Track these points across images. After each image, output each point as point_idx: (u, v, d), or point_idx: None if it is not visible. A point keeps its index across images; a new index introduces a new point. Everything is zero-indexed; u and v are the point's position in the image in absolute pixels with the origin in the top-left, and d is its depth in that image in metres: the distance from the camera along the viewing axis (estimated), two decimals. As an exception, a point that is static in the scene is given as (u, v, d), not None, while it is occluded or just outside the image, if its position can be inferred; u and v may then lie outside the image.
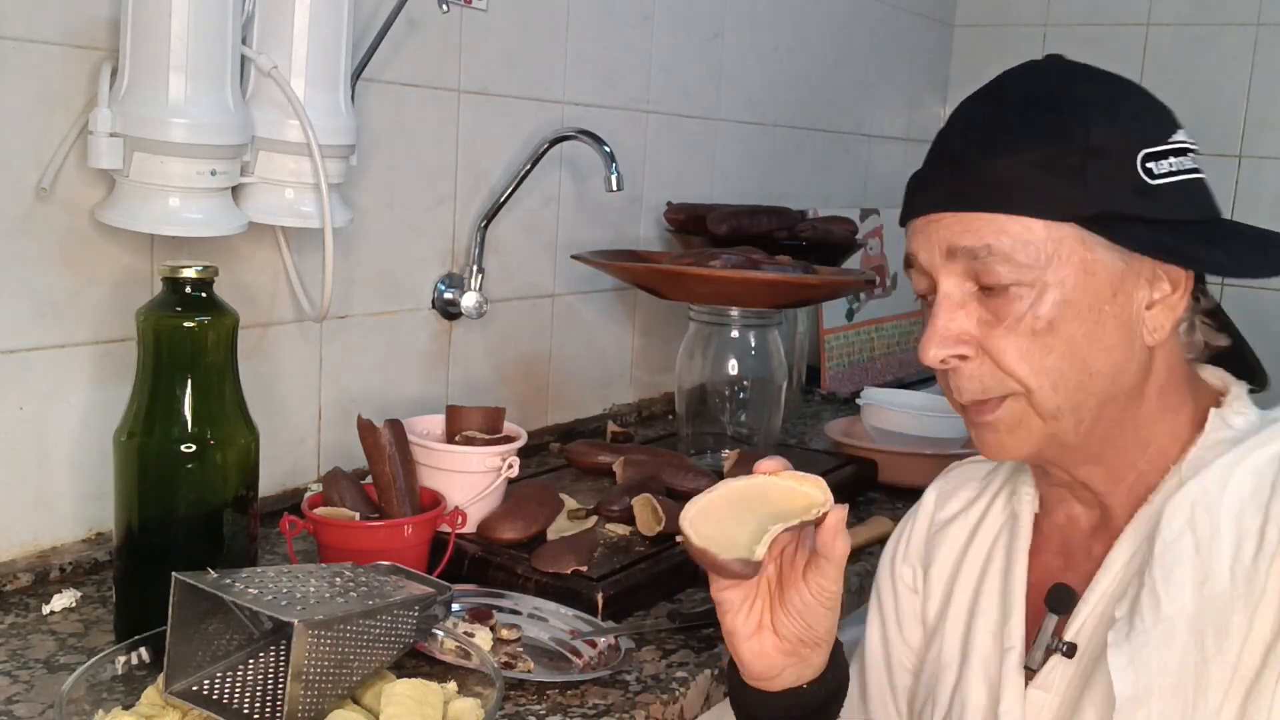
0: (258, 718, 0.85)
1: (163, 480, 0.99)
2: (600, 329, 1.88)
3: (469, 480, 1.26)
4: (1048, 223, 0.83)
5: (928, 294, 0.89)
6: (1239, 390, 0.92)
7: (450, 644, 0.97)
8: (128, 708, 0.85)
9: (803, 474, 0.91)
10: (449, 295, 1.56)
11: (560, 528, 1.30)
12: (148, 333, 0.99)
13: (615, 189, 1.52)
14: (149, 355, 0.99)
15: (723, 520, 0.88)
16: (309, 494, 1.22)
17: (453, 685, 0.92)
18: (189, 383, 0.99)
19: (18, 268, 1.11)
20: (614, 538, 1.29)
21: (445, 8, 1.40)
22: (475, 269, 1.56)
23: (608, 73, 1.81)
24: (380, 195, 1.46)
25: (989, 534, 0.99)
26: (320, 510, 1.16)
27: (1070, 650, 0.89)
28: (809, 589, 0.90)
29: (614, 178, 1.51)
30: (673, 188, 1.99)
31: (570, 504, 1.36)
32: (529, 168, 1.59)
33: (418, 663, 0.97)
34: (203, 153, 1.09)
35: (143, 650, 0.90)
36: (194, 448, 0.99)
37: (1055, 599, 0.91)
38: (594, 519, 1.34)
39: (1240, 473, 0.85)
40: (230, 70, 1.11)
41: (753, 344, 1.65)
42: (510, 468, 1.28)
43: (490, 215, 1.59)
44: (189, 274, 1.00)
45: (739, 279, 1.50)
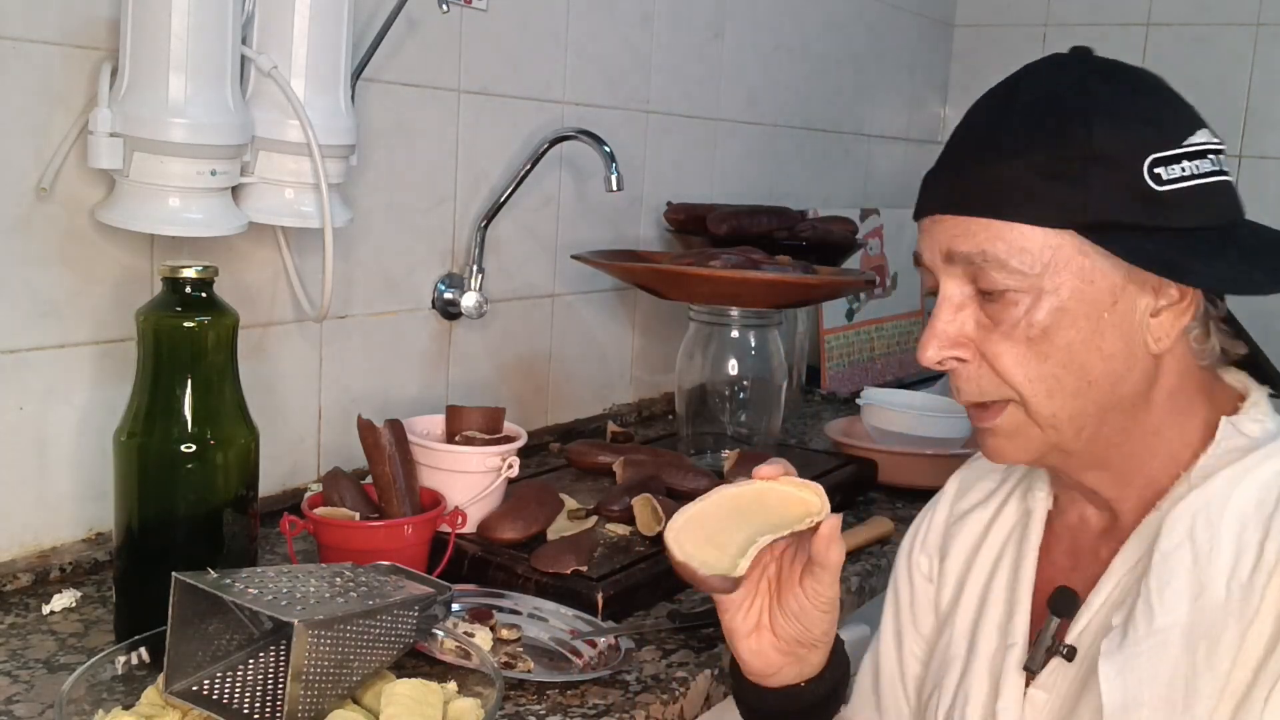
0: (258, 718, 0.85)
1: (163, 480, 0.99)
2: (600, 329, 1.88)
3: (469, 480, 1.26)
4: (1045, 229, 0.82)
5: (933, 292, 0.89)
6: (1258, 396, 0.89)
7: (450, 644, 0.97)
8: (128, 708, 0.85)
9: (802, 480, 0.91)
10: (449, 295, 1.56)
11: (560, 528, 1.30)
12: (148, 333, 0.99)
13: (615, 189, 1.52)
14: (149, 355, 0.99)
15: (713, 529, 0.89)
16: (309, 494, 1.22)
17: (453, 685, 0.92)
18: (189, 383, 0.99)
19: (18, 268, 1.11)
20: (614, 538, 1.29)
21: (445, 8, 1.40)
22: (475, 269, 1.56)
23: (608, 73, 1.81)
24: (380, 195, 1.46)
25: (1004, 528, 0.99)
26: (320, 510, 1.16)
27: (1070, 653, 0.89)
28: (805, 593, 0.91)
29: (614, 178, 1.51)
30: (673, 188, 1.99)
31: (570, 504, 1.36)
32: (529, 168, 1.59)
33: (418, 663, 0.97)
34: (203, 153, 1.09)
35: (143, 650, 0.90)
36: (194, 448, 0.99)
37: (1058, 602, 0.91)
38: (594, 519, 1.34)
39: (1247, 483, 0.83)
40: (230, 70, 1.11)
41: (753, 344, 1.65)
42: (510, 468, 1.27)
43: (490, 215, 1.59)
44: (189, 274, 1.00)
45: (739, 279, 1.50)
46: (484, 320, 1.60)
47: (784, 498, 0.90)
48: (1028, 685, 0.91)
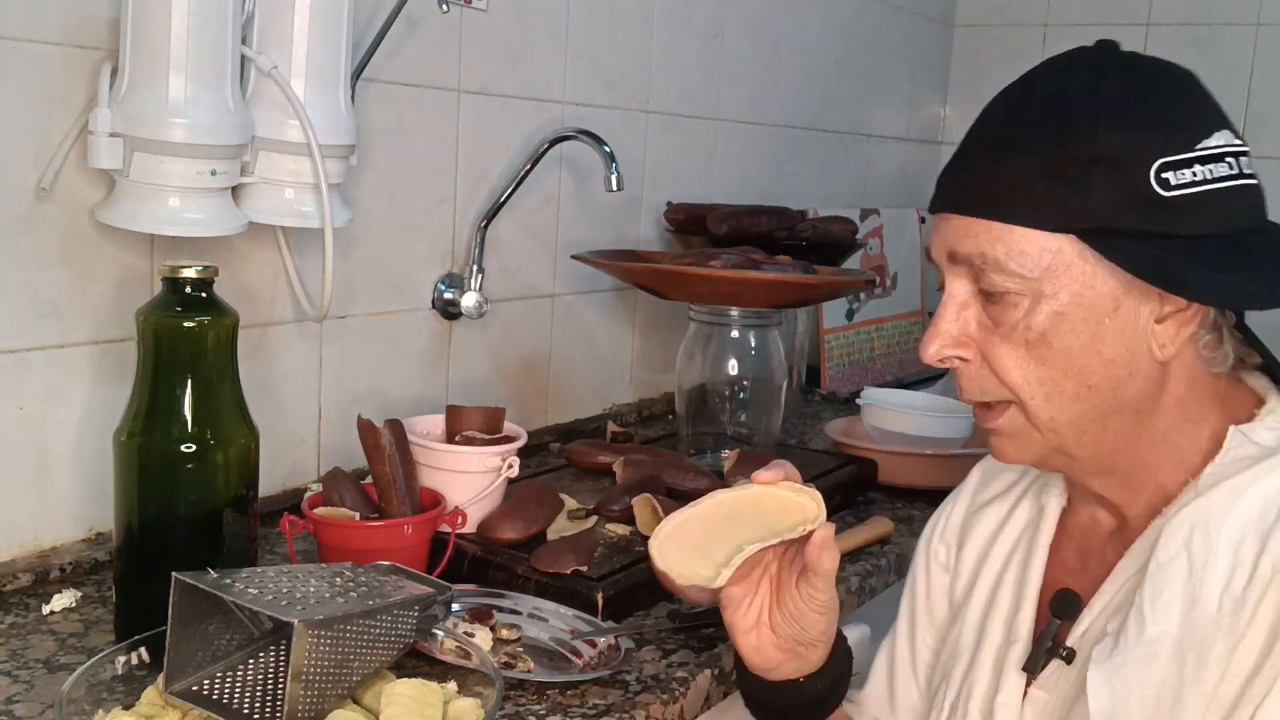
0: (258, 718, 0.85)
1: (163, 480, 0.99)
2: (600, 329, 1.88)
3: (469, 480, 1.26)
4: (1045, 233, 0.80)
5: (943, 287, 0.89)
6: (1276, 404, 0.87)
7: (450, 644, 0.97)
8: (128, 708, 0.85)
9: (800, 485, 0.91)
10: (449, 295, 1.56)
11: (560, 528, 1.30)
12: (148, 333, 0.99)
13: (615, 189, 1.52)
14: (149, 355, 0.99)
15: (703, 535, 0.90)
16: (309, 494, 1.22)
17: (453, 685, 0.92)
18: (189, 383, 0.99)
19: (18, 268, 1.11)
20: (614, 538, 1.29)
21: (445, 8, 1.40)
22: (475, 269, 1.56)
23: (608, 73, 1.81)
24: (380, 195, 1.46)
25: (1019, 523, 0.99)
26: (320, 510, 1.16)
27: (1069, 656, 0.89)
28: (800, 596, 0.92)
29: (614, 178, 1.51)
30: (673, 188, 1.99)
31: (570, 504, 1.36)
32: (529, 168, 1.59)
33: (418, 663, 0.96)
34: (203, 153, 1.09)
35: (143, 650, 0.90)
36: (194, 448, 0.99)
37: (1059, 604, 0.91)
38: (594, 519, 1.34)
39: (1252, 493, 0.82)
40: (230, 70, 1.11)
41: (753, 344, 1.65)
42: (510, 468, 1.27)
43: (490, 215, 1.58)
44: (189, 274, 1.00)
45: (739, 279, 1.50)
46: (484, 320, 1.60)
47: (782, 503, 0.91)
48: (1029, 684, 0.91)
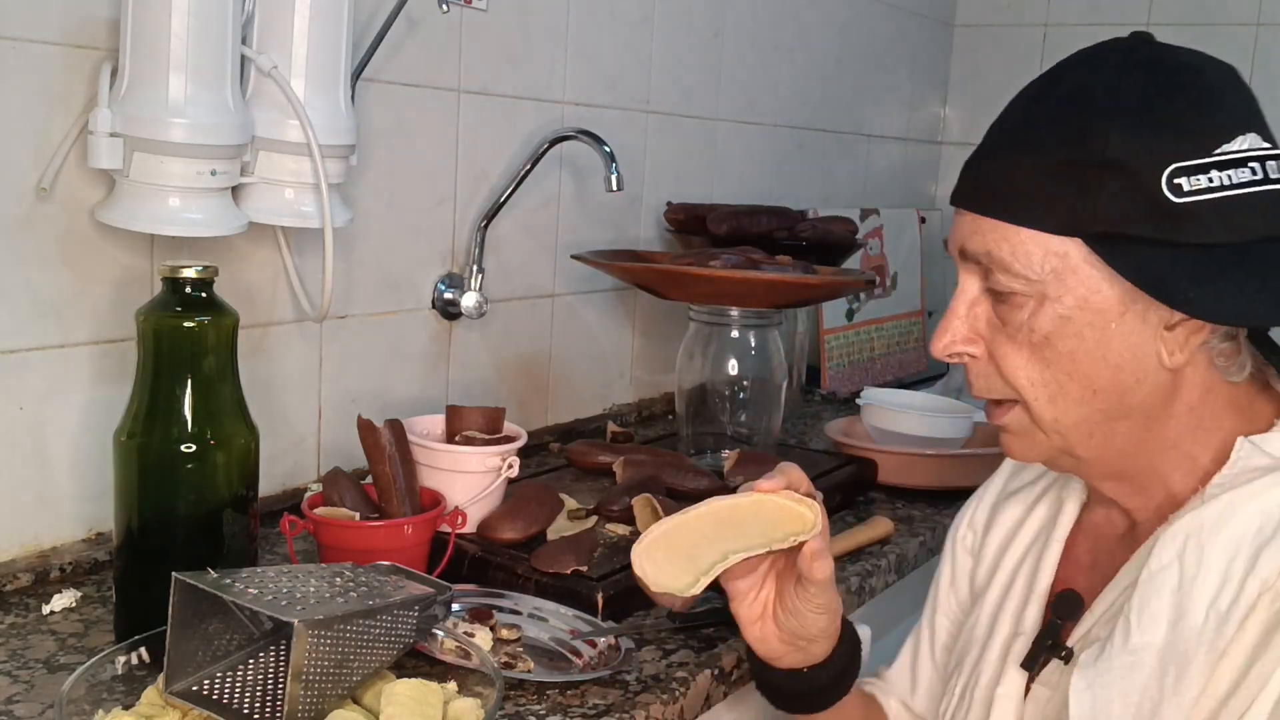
0: (258, 718, 0.85)
1: (163, 480, 0.99)
2: (600, 329, 1.88)
3: (469, 480, 1.26)
4: (1051, 236, 0.80)
5: None
6: None
7: (450, 644, 0.97)
8: (128, 708, 0.85)
9: (800, 495, 0.93)
10: (449, 295, 1.56)
11: (560, 528, 1.30)
12: (148, 333, 0.99)
13: (615, 189, 1.52)
14: (149, 355, 0.99)
15: (694, 541, 0.91)
16: (309, 494, 1.22)
17: (453, 685, 0.92)
18: (189, 383, 0.99)
19: (18, 268, 1.11)
20: (614, 538, 1.29)
21: (445, 8, 1.40)
22: (475, 269, 1.56)
23: (608, 73, 1.81)
24: (380, 195, 1.46)
25: (1040, 516, 0.99)
26: (320, 510, 1.16)
27: (1068, 656, 0.89)
28: (799, 597, 0.93)
29: (614, 178, 1.51)
30: (673, 188, 1.99)
31: (570, 504, 1.36)
32: (529, 168, 1.59)
33: (418, 663, 0.96)
34: (203, 153, 1.09)
35: (143, 650, 0.90)
36: (194, 448, 0.99)
37: (1061, 604, 0.91)
38: (594, 519, 1.34)
39: (1253, 507, 0.80)
40: (230, 70, 1.11)
41: (753, 344, 1.65)
42: (510, 468, 1.27)
43: (490, 215, 1.58)
44: (189, 274, 1.00)
45: (739, 279, 1.50)
46: (484, 320, 1.60)
47: (782, 510, 0.92)
48: (1032, 679, 0.91)
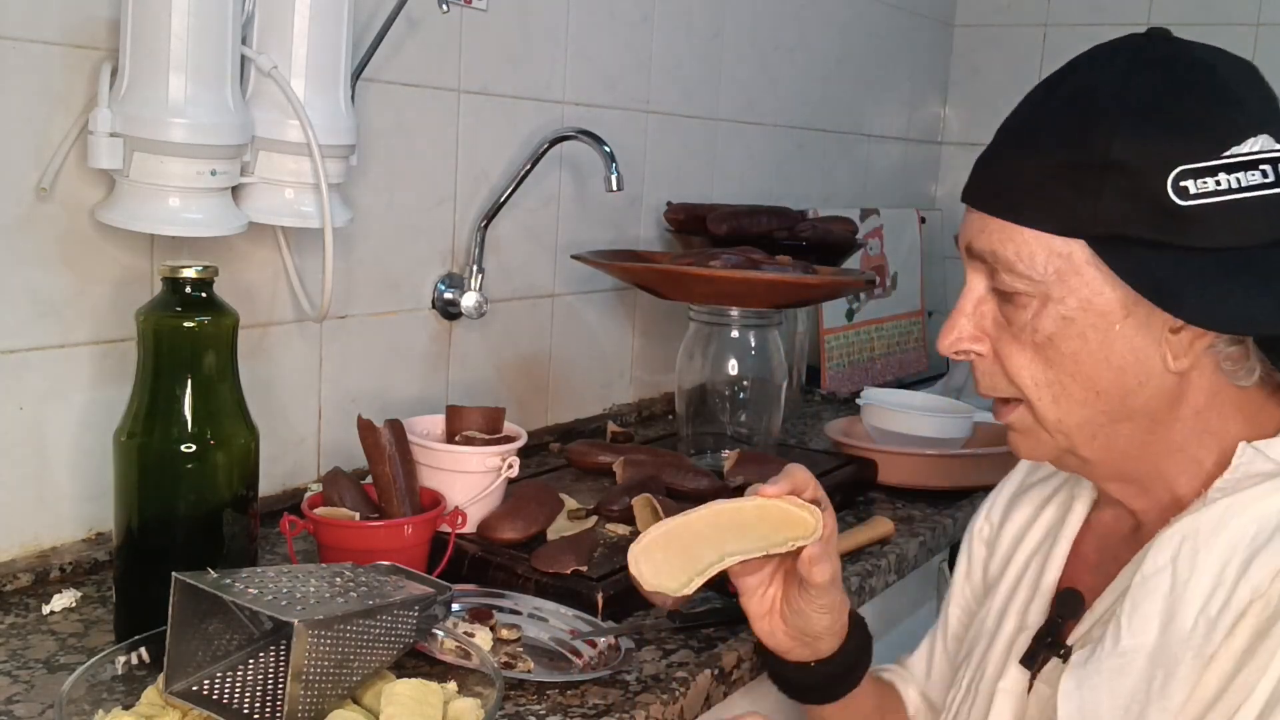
0: (258, 718, 0.85)
1: (163, 480, 0.99)
2: (600, 329, 1.88)
3: (469, 480, 1.26)
4: (1055, 237, 0.79)
5: None
6: None
7: (450, 644, 0.97)
8: (128, 708, 0.85)
9: (802, 500, 0.93)
10: (449, 295, 1.56)
11: (560, 528, 1.30)
12: (148, 333, 0.99)
13: (615, 189, 1.52)
14: (149, 355, 0.99)
15: (693, 542, 0.92)
16: (309, 494, 1.22)
17: (453, 685, 0.92)
18: (189, 383, 0.99)
19: (18, 268, 1.11)
20: (614, 538, 1.29)
21: (445, 8, 1.40)
22: (475, 269, 1.56)
23: (608, 73, 1.81)
24: (380, 195, 1.46)
25: (1052, 513, 0.99)
26: (320, 510, 1.16)
27: (1067, 654, 0.89)
28: (801, 598, 0.95)
29: (614, 178, 1.51)
30: (673, 188, 1.99)
31: (570, 504, 1.36)
32: (529, 168, 1.59)
33: (418, 663, 0.97)
34: (203, 153, 1.09)
35: (143, 650, 0.90)
36: (194, 448, 0.99)
37: (1062, 602, 0.91)
38: (594, 519, 1.34)
39: (1250, 514, 0.80)
40: (230, 70, 1.11)
41: (753, 344, 1.65)
42: (510, 468, 1.27)
43: (490, 215, 1.58)
44: (189, 274, 1.00)
45: (739, 279, 1.50)
46: (484, 320, 1.60)
47: (785, 515, 0.93)
48: (1035, 675, 0.92)
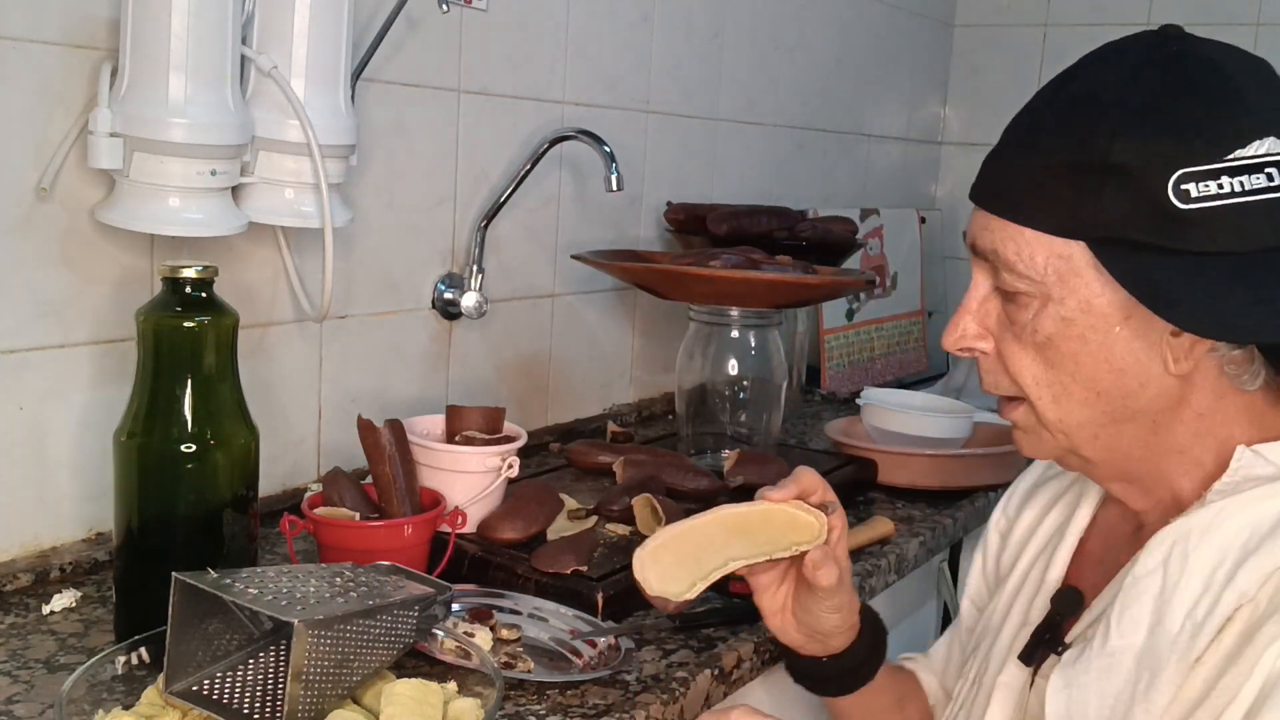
0: (258, 718, 0.85)
1: (163, 480, 0.99)
2: (600, 329, 1.88)
3: (469, 480, 1.26)
4: (1055, 238, 0.79)
5: None
6: None
7: (450, 644, 0.97)
8: (128, 708, 0.85)
9: (808, 505, 0.94)
10: (449, 295, 1.56)
11: (560, 528, 1.30)
12: (148, 333, 0.99)
13: (615, 189, 1.52)
14: (149, 355, 0.99)
15: (699, 546, 0.93)
16: (309, 494, 1.22)
17: (453, 685, 0.92)
18: (189, 383, 0.99)
19: (18, 268, 1.11)
20: (614, 538, 1.29)
21: (445, 8, 1.40)
22: (475, 269, 1.56)
23: (608, 73, 1.81)
24: (380, 195, 1.46)
25: (1062, 509, 1.00)
26: (320, 510, 1.16)
27: (1064, 651, 0.89)
28: (809, 598, 0.96)
29: (614, 178, 1.51)
30: (673, 188, 1.99)
31: (570, 504, 1.36)
32: (529, 168, 1.59)
33: (418, 663, 0.97)
34: (203, 153, 1.09)
35: (143, 650, 0.90)
36: (194, 448, 0.99)
37: (1061, 599, 0.92)
38: (594, 519, 1.34)
39: (1244, 517, 0.79)
40: (230, 70, 1.11)
41: (753, 344, 1.65)
42: (510, 468, 1.27)
43: (490, 215, 1.58)
44: (189, 274, 1.00)
45: (739, 279, 1.50)
46: (484, 320, 1.60)
47: (790, 519, 0.94)
48: (1035, 671, 0.92)
